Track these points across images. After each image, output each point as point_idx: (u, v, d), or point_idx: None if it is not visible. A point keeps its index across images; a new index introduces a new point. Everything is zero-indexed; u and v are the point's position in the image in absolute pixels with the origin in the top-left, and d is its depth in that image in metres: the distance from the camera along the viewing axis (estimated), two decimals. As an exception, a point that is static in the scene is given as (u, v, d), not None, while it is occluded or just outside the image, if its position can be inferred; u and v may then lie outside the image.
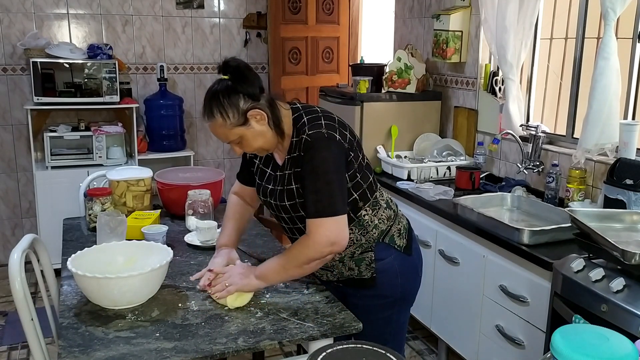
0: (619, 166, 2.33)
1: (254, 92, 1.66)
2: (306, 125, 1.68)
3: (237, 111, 1.65)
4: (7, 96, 4.11)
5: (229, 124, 1.66)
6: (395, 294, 1.88)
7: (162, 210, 2.48)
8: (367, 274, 1.84)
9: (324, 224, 1.63)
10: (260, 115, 1.67)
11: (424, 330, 3.17)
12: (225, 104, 1.64)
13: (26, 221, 4.33)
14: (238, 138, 1.69)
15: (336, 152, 1.66)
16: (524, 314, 2.29)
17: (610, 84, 2.47)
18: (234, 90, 1.65)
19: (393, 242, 1.86)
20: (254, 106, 1.66)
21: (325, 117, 1.71)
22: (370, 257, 1.83)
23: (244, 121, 1.66)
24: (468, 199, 2.72)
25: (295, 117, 1.73)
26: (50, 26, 4.14)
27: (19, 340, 3.21)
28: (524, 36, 2.99)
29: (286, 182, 1.75)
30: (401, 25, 4.07)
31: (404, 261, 1.89)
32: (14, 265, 1.71)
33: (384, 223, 1.85)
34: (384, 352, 1.15)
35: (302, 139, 1.66)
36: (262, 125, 1.68)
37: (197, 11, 4.52)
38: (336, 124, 1.71)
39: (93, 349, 1.48)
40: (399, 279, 1.87)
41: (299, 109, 1.76)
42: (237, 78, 1.66)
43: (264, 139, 1.70)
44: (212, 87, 1.68)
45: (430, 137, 3.60)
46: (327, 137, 1.65)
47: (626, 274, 1.83)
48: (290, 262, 1.69)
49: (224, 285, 1.71)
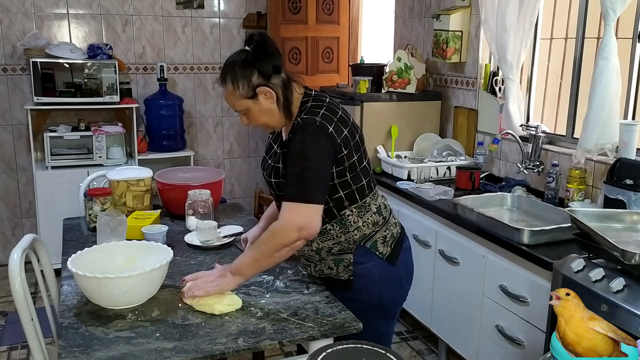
0: (619, 166, 2.33)
1: (268, 70, 1.70)
2: (306, 110, 1.73)
3: (248, 84, 1.70)
4: (7, 96, 4.11)
5: (238, 95, 1.72)
6: (372, 301, 1.85)
7: (162, 210, 2.48)
8: (344, 276, 1.85)
9: (294, 209, 1.65)
10: (270, 93, 1.72)
11: (424, 330, 3.17)
12: (239, 75, 1.70)
13: (26, 221, 4.33)
14: (244, 109, 1.75)
15: (324, 141, 1.67)
16: (524, 314, 2.29)
17: (610, 84, 2.47)
18: (249, 64, 1.70)
19: (375, 248, 1.84)
20: (265, 83, 1.71)
21: (328, 109, 1.74)
22: (349, 259, 1.83)
23: (252, 95, 1.71)
24: (468, 199, 2.72)
25: (302, 101, 1.78)
26: (50, 26, 4.14)
27: (19, 340, 3.21)
28: (524, 36, 2.99)
29: (276, 159, 1.81)
30: (401, 25, 4.07)
31: (385, 269, 1.86)
32: (14, 265, 1.71)
33: (367, 227, 1.83)
34: (384, 352, 1.15)
35: (297, 121, 1.71)
36: (270, 103, 1.73)
37: (197, 11, 4.52)
38: (335, 118, 1.72)
39: (93, 349, 1.48)
40: (377, 286, 1.85)
41: (310, 95, 1.80)
42: (256, 53, 1.70)
43: (269, 116, 1.76)
44: (232, 56, 1.75)
45: (430, 137, 3.60)
46: (318, 125, 1.68)
47: (626, 274, 1.83)
48: (261, 253, 1.69)
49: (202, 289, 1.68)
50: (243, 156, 4.91)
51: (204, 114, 4.70)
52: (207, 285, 1.70)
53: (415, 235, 2.94)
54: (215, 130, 4.76)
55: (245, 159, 4.92)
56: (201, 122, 4.71)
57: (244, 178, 4.96)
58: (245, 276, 1.74)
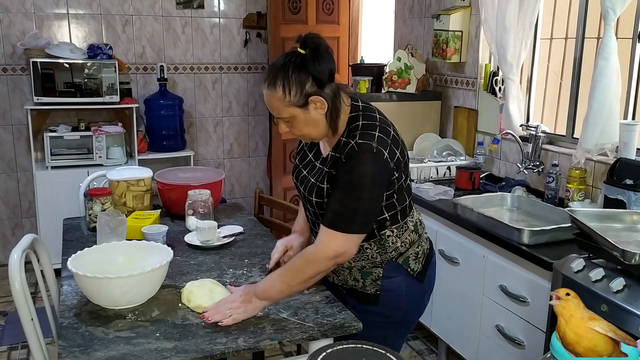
0: (619, 166, 2.33)
1: (324, 77, 1.56)
2: (359, 130, 1.60)
3: (301, 91, 1.55)
4: (7, 96, 4.11)
5: (287, 101, 1.56)
6: (396, 316, 1.79)
7: (162, 210, 2.48)
8: (370, 290, 1.76)
9: (335, 237, 1.57)
10: (322, 103, 1.58)
11: (424, 330, 3.17)
12: (292, 80, 1.54)
13: (26, 221, 4.33)
14: (290, 117, 1.60)
15: (379, 169, 1.57)
16: (524, 314, 2.29)
17: (610, 84, 2.47)
18: (305, 69, 1.54)
19: (407, 265, 1.76)
20: (318, 92, 1.57)
21: (381, 129, 1.61)
22: (377, 273, 1.74)
23: (303, 103, 1.57)
24: (468, 199, 2.72)
25: (351, 117, 1.64)
26: (50, 26, 4.14)
27: (19, 340, 3.21)
28: (524, 36, 2.99)
29: (320, 178, 1.67)
30: (401, 25, 4.07)
31: (413, 285, 1.78)
32: (14, 265, 1.70)
33: (405, 246, 1.75)
34: (384, 352, 1.15)
35: (350, 144, 1.58)
36: (319, 114, 1.59)
37: (197, 11, 4.52)
38: (389, 140, 1.61)
39: (93, 349, 1.48)
40: (403, 302, 1.77)
41: (358, 108, 1.67)
42: (313, 57, 1.55)
43: (315, 127, 1.62)
44: (284, 57, 1.58)
45: (430, 137, 3.60)
46: (374, 152, 1.56)
47: (626, 274, 1.83)
48: (295, 279, 1.61)
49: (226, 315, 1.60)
50: (243, 156, 4.91)
51: (204, 114, 4.70)
52: (234, 312, 1.60)
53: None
54: (215, 130, 4.76)
55: (245, 159, 4.92)
56: (201, 122, 4.71)
57: (244, 178, 4.95)
58: (273, 301, 1.65)
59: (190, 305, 1.69)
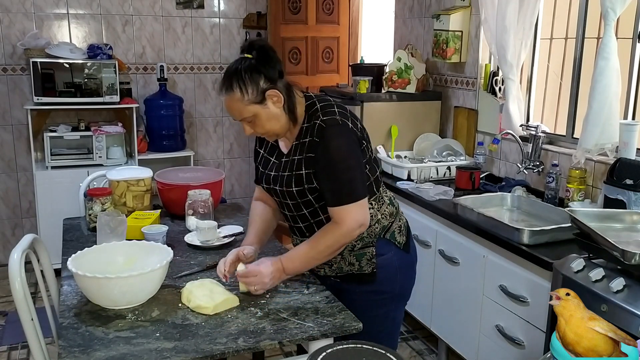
0: (619, 166, 2.33)
1: (274, 74, 1.70)
2: (319, 111, 1.73)
3: (257, 89, 1.68)
4: (7, 96, 4.11)
5: (246, 100, 1.68)
6: (393, 290, 1.89)
7: (162, 210, 2.48)
8: (367, 269, 1.85)
9: (348, 211, 1.69)
10: (278, 97, 1.70)
11: (424, 330, 3.17)
12: (247, 80, 1.67)
13: (26, 221, 4.33)
14: (251, 116, 1.71)
15: (350, 138, 1.71)
16: (524, 314, 2.29)
17: (610, 84, 2.47)
18: (256, 69, 1.68)
19: (394, 238, 1.88)
20: (273, 87, 1.70)
21: (338, 106, 1.77)
22: (371, 252, 1.84)
23: (261, 99, 1.69)
24: (468, 199, 2.72)
25: (308, 104, 1.78)
26: (50, 26, 4.14)
27: (19, 340, 3.21)
28: (524, 36, 2.99)
29: (295, 167, 1.76)
30: (401, 25, 4.07)
31: (403, 258, 1.91)
32: (14, 265, 1.71)
33: (386, 219, 1.87)
34: (384, 352, 1.15)
35: (316, 125, 1.70)
36: (277, 107, 1.71)
37: (197, 11, 4.52)
38: (348, 114, 1.76)
39: (93, 349, 1.48)
40: (398, 275, 1.89)
41: (312, 97, 1.81)
42: (261, 58, 1.69)
43: (277, 122, 1.73)
44: (235, 63, 1.71)
45: (430, 137, 3.60)
46: (340, 124, 1.70)
47: (626, 274, 1.83)
48: (323, 253, 1.75)
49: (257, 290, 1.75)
50: (243, 156, 4.91)
51: (204, 114, 4.70)
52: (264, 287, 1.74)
53: (415, 235, 2.92)
54: (215, 130, 4.76)
55: (245, 159, 4.92)
56: (201, 122, 4.71)
57: (244, 178, 4.95)
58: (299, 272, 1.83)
59: (190, 305, 1.69)
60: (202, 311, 1.66)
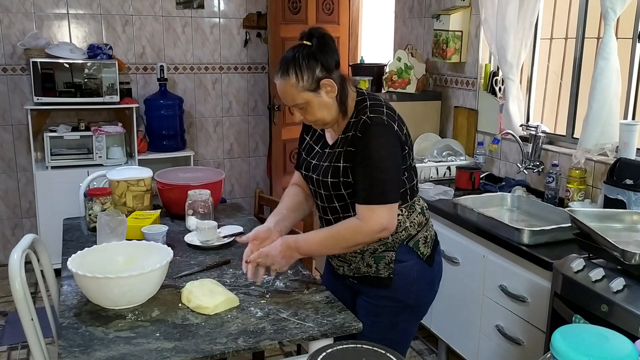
0: (619, 166, 2.33)
1: (331, 64, 1.70)
2: (368, 108, 1.72)
3: (312, 76, 1.68)
4: (7, 96, 4.11)
5: (300, 87, 1.68)
6: (408, 300, 1.84)
7: (162, 210, 2.48)
8: (384, 273, 1.81)
9: (376, 211, 1.66)
10: (332, 87, 1.70)
11: (424, 330, 3.17)
12: (303, 67, 1.67)
13: (26, 221, 4.33)
14: (304, 103, 1.71)
15: (393, 140, 1.69)
16: (524, 314, 2.29)
17: (610, 84, 2.47)
18: (313, 57, 1.68)
19: (417, 248, 1.83)
20: (328, 76, 1.69)
21: (388, 107, 1.75)
22: (390, 257, 1.80)
23: (315, 87, 1.69)
24: (468, 199, 2.72)
25: (359, 100, 1.77)
26: (50, 26, 4.14)
27: (19, 340, 3.21)
28: (524, 36, 2.99)
29: (335, 159, 1.75)
30: (401, 25, 4.07)
31: (424, 270, 1.85)
32: (14, 265, 1.71)
33: (414, 227, 1.82)
34: (384, 352, 1.15)
35: (361, 120, 1.69)
36: (330, 97, 1.71)
37: (197, 11, 4.52)
38: (396, 117, 1.75)
39: (93, 349, 1.48)
40: (415, 286, 1.83)
41: (364, 93, 1.80)
42: (319, 46, 1.69)
43: (327, 111, 1.73)
44: (293, 50, 1.71)
45: (430, 137, 3.60)
46: (386, 124, 1.68)
47: (626, 274, 1.83)
48: (339, 245, 1.74)
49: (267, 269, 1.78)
50: (243, 156, 4.91)
51: (204, 114, 4.70)
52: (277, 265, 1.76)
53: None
54: (215, 130, 4.76)
55: (245, 159, 4.92)
56: (201, 122, 4.71)
57: (244, 178, 4.96)
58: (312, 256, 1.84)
59: (190, 305, 1.69)
60: (202, 311, 1.66)
